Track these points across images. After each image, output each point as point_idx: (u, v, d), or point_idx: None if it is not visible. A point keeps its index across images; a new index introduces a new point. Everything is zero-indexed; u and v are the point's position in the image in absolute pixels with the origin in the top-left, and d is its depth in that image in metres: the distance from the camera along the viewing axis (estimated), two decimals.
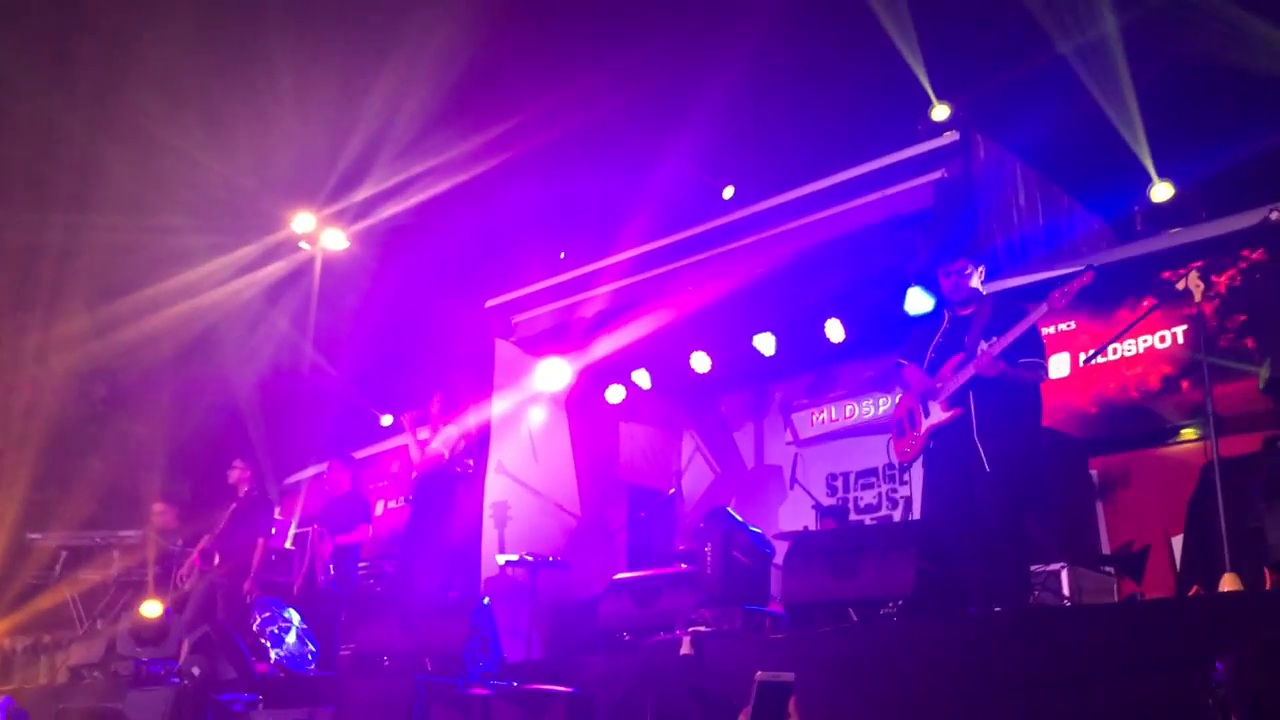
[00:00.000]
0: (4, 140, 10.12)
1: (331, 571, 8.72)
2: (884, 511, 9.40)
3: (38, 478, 11.27)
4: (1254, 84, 7.37)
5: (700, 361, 9.87)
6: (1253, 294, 7.31)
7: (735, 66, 8.31)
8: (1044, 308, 5.62)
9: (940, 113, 8.59)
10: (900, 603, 5.07)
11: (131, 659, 7.64)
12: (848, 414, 9.89)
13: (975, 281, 6.03)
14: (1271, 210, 5.08)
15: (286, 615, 8.13)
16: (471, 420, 8.79)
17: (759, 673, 2.76)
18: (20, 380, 11.60)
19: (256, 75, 9.22)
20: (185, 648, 7.52)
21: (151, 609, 8.37)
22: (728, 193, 9.70)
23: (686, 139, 8.96)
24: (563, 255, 10.45)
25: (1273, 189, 5.05)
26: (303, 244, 11.15)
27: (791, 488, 9.44)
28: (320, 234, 11.01)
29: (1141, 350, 7.84)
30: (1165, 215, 8.26)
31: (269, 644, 7.82)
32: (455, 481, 8.42)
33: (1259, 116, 7.61)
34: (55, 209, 10.38)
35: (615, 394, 10.60)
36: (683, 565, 7.32)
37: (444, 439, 8.47)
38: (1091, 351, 7.63)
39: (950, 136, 8.24)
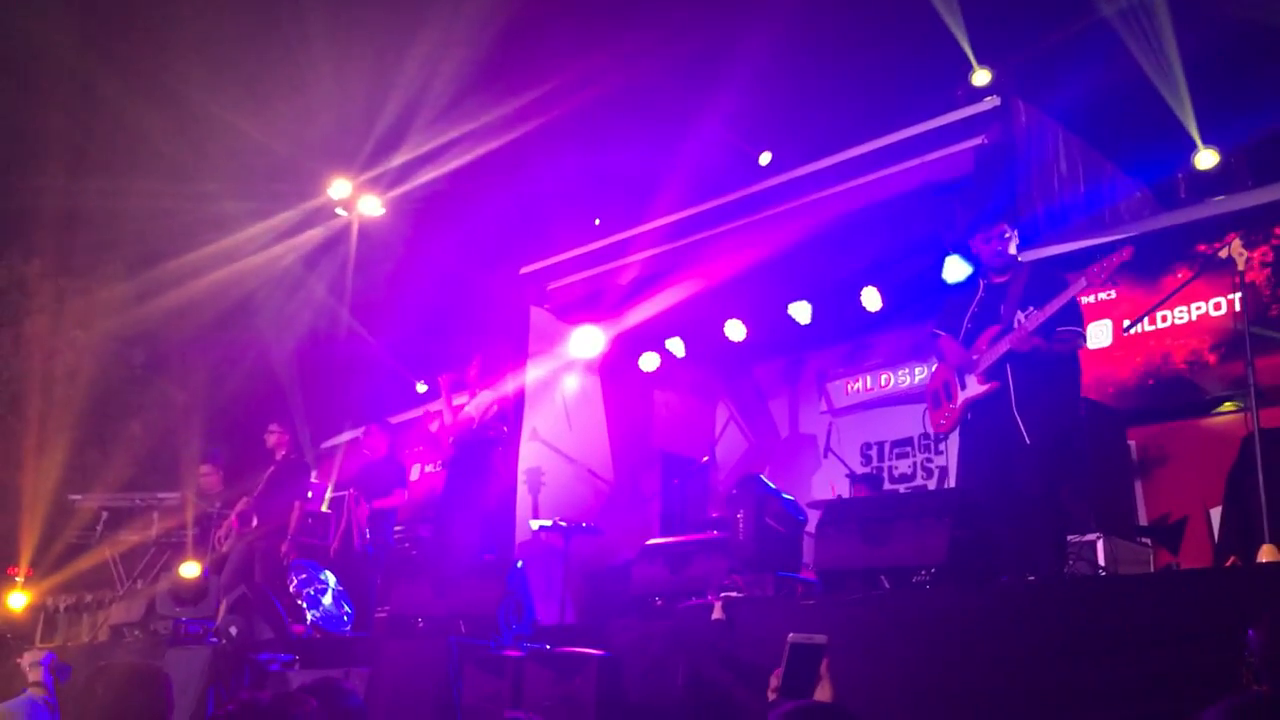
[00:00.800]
0: (44, 107, 10.22)
1: (367, 535, 8.80)
2: (919, 481, 9.36)
3: (79, 440, 11.45)
4: None
5: (735, 329, 9.84)
6: None
7: (773, 30, 8.22)
8: (1082, 281, 5.54)
9: (981, 77, 8.47)
10: (933, 570, 5.05)
11: (170, 618, 7.78)
12: (883, 383, 9.85)
13: (1013, 247, 5.95)
14: None
15: (323, 577, 8.22)
16: (507, 386, 8.81)
17: (791, 634, 2.76)
18: (61, 345, 11.76)
19: (293, 41, 9.24)
20: (223, 608, 7.63)
21: (190, 570, 8.51)
22: (765, 158, 9.62)
23: (723, 104, 8.89)
24: (598, 222, 10.42)
25: None
26: (339, 210, 11.20)
27: (826, 456, 9.41)
28: (357, 200, 11.06)
29: (1183, 320, 7.74)
30: (1209, 182, 8.12)
31: (305, 605, 7.92)
32: (489, 446, 8.44)
33: None
34: (95, 175, 10.48)
35: (649, 361, 10.59)
36: (715, 532, 7.33)
37: (477, 404, 8.50)
38: (1131, 321, 7.54)
39: (991, 102, 8.12)
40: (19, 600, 9.64)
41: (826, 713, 2.50)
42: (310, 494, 9.42)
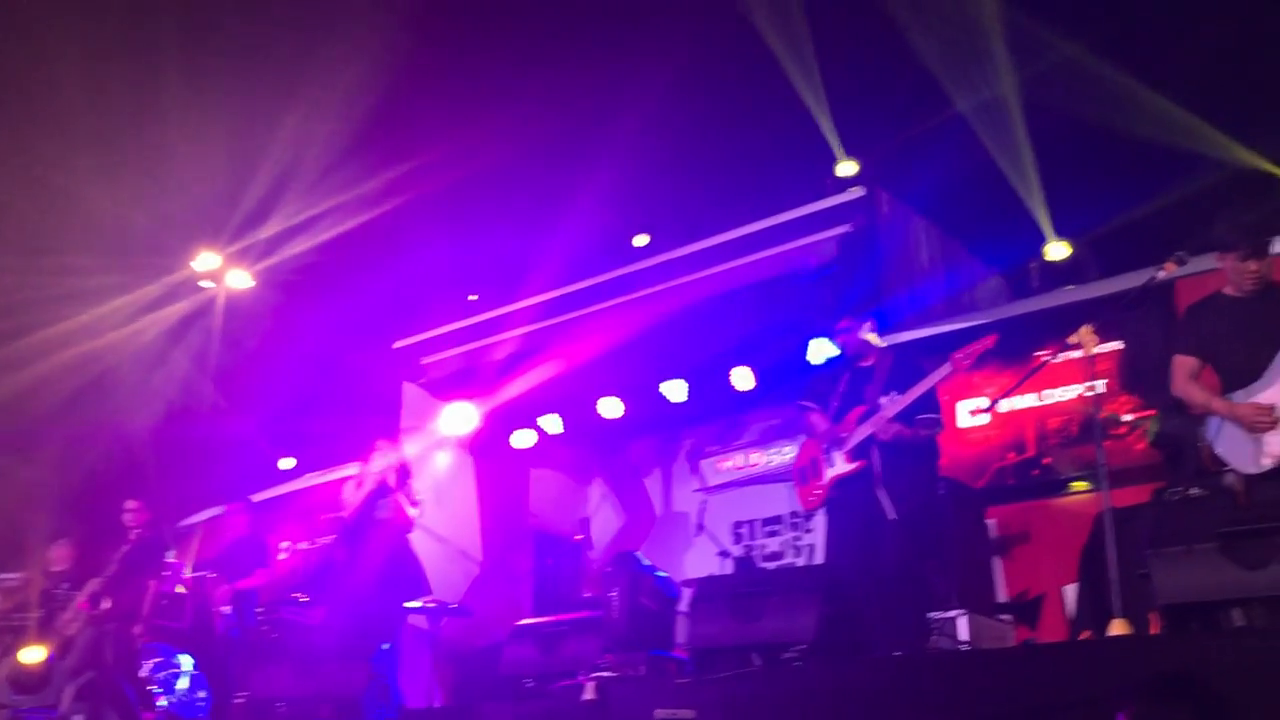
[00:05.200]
0: None
1: (229, 617, 8.50)
2: (788, 559, 9.48)
3: None
4: (1142, 148, 7.69)
5: (611, 407, 9.88)
6: (1140, 351, 7.58)
7: (644, 115, 8.41)
8: (947, 368, 5.79)
9: (847, 168, 8.81)
10: (803, 647, 5.12)
11: (10, 708, 7.35)
12: (754, 461, 9.99)
13: (867, 335, 6.19)
14: (1158, 270, 5.29)
15: (178, 661, 7.91)
16: (391, 463, 8.58)
17: (658, 711, 2.78)
18: None
19: (156, 113, 9.03)
20: (68, 696, 7.26)
21: (32, 655, 8.06)
22: (641, 240, 9.78)
23: (595, 185, 9.03)
24: (473, 298, 10.41)
25: (1161, 249, 5.26)
26: (205, 283, 10.96)
27: (698, 534, 9.46)
28: (225, 273, 10.83)
29: (1037, 404, 8.06)
30: (1061, 272, 8.56)
31: (159, 690, 7.59)
32: (376, 525, 8.17)
33: (1147, 179, 7.95)
34: None
35: (523, 439, 10.55)
36: (588, 611, 7.28)
37: (366, 481, 8.25)
38: (983, 406, 7.83)
39: (856, 192, 8.44)
40: None
41: None
42: (167, 574, 9.06)
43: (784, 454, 9.63)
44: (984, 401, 7.85)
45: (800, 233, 8.50)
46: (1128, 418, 7.51)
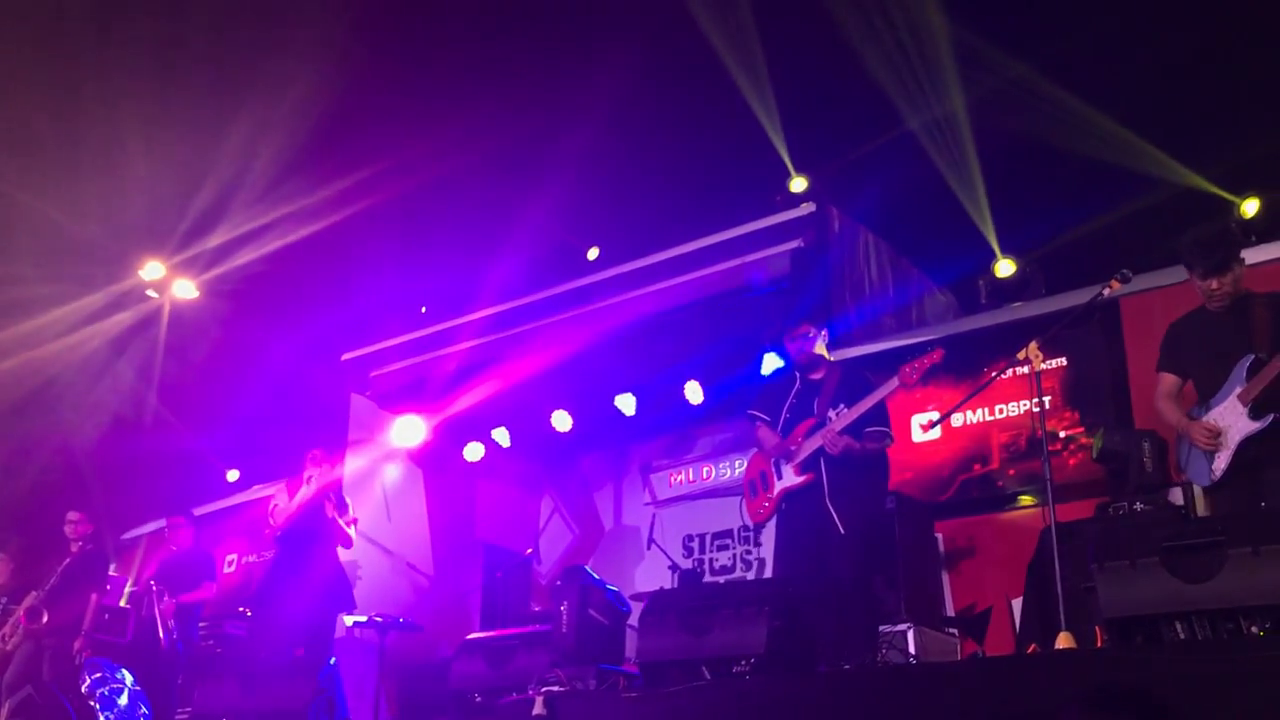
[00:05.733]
0: None
1: (173, 631, 8.36)
2: (739, 573, 9.49)
3: None
4: (1088, 167, 7.83)
5: (561, 420, 9.86)
6: (1086, 368, 7.69)
7: (594, 130, 8.44)
8: (894, 383, 5.84)
9: (798, 184, 8.90)
10: (753, 660, 5.12)
11: None
12: (705, 475, 10.00)
13: (820, 346, 6.23)
14: (1104, 288, 5.37)
15: (119, 676, 7.77)
16: (334, 475, 8.52)
17: None
18: None
19: (101, 123, 8.91)
20: (5, 711, 7.11)
21: None
22: (593, 253, 9.79)
23: (547, 197, 9.04)
24: (424, 310, 10.35)
25: (1106, 267, 5.35)
26: (151, 293, 10.81)
27: (649, 548, 9.46)
28: (170, 283, 10.70)
29: (984, 419, 8.14)
30: (1009, 289, 8.67)
31: (99, 706, 7.45)
32: (317, 537, 8.09)
33: (1093, 198, 8.09)
34: None
35: (474, 452, 10.49)
36: (537, 625, 7.25)
37: (305, 493, 8.17)
38: (932, 421, 7.90)
39: (807, 208, 8.49)
40: None
41: None
42: (108, 587, 8.91)
43: (735, 468, 9.66)
44: (935, 415, 7.92)
45: (752, 247, 8.53)
46: (1064, 434, 7.62)
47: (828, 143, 8.85)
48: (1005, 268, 8.76)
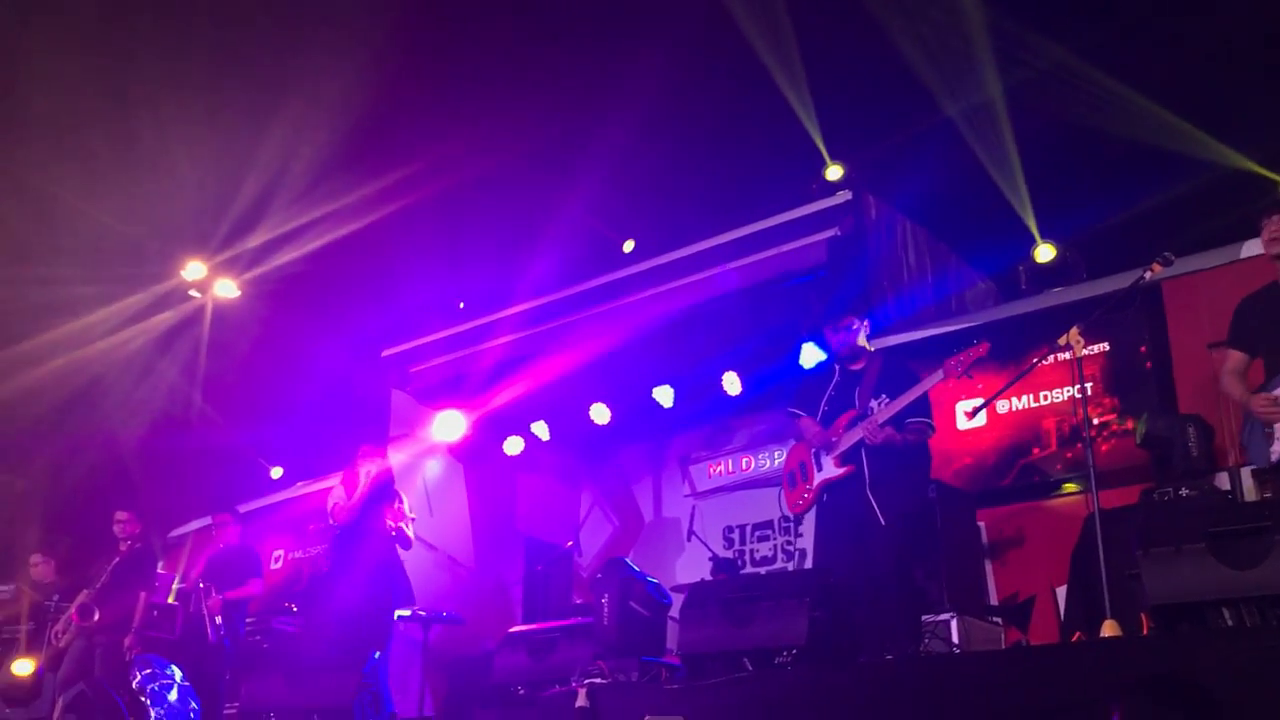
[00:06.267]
0: None
1: (220, 627, 8.46)
2: (779, 564, 9.47)
3: None
4: (1128, 150, 7.73)
5: (600, 413, 9.88)
6: (1129, 352, 7.60)
7: (634, 119, 8.43)
8: (939, 375, 5.79)
9: (834, 172, 8.85)
10: (794, 652, 5.12)
11: None
12: (744, 466, 9.98)
13: (861, 338, 6.19)
14: (1145, 271, 5.30)
15: (168, 672, 7.86)
16: (384, 471, 8.51)
17: (647, 717, 2.76)
18: None
19: (144, 123, 9.04)
20: (59, 708, 7.23)
21: (23, 667, 8.05)
22: (628, 246, 9.79)
23: (584, 191, 9.05)
24: (462, 305, 10.40)
25: (1148, 250, 5.28)
26: (193, 293, 10.94)
27: (689, 540, 9.46)
28: (212, 283, 10.82)
29: (1027, 406, 8.07)
30: (1049, 275, 8.58)
31: (149, 701, 7.55)
32: (379, 535, 8.10)
33: (1133, 181, 7.99)
34: None
35: (513, 446, 10.54)
36: (579, 618, 7.27)
37: (358, 489, 8.18)
38: (974, 407, 7.84)
39: (843, 196, 8.44)
40: None
41: None
42: (157, 585, 9.02)
43: (774, 458, 9.63)
44: (979, 403, 7.85)
45: (789, 237, 8.50)
46: (1106, 420, 7.53)
47: (864, 130, 8.80)
48: (1045, 253, 8.66)
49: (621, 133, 8.57)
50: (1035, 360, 6.49)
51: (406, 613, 8.84)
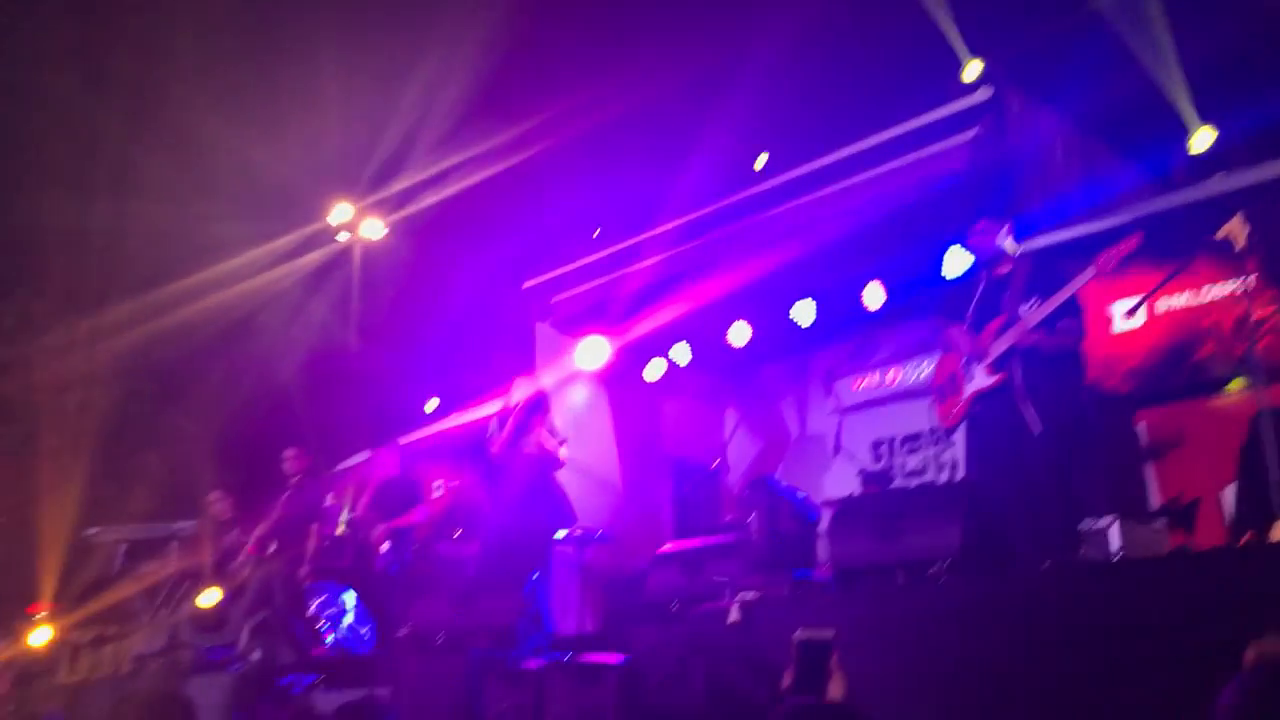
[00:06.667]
0: (44, 135, 10.27)
1: (388, 554, 8.81)
2: (930, 476, 9.36)
3: (94, 474, 11.48)
4: None
5: (739, 333, 9.85)
6: None
7: (770, 37, 8.25)
8: (1090, 272, 5.57)
9: (973, 70, 8.47)
10: (947, 562, 5.06)
11: (193, 646, 7.81)
12: (890, 379, 9.85)
13: (1003, 241, 5.99)
14: None
15: (342, 599, 8.26)
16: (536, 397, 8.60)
17: (798, 631, 2.77)
18: (72, 377, 11.80)
19: (295, 65, 9.27)
20: (245, 634, 7.66)
21: (210, 597, 8.55)
22: (759, 162, 9.64)
23: (719, 108, 8.91)
24: (597, 233, 10.45)
25: None
26: (341, 234, 11.24)
27: (836, 454, 9.42)
28: (359, 223, 11.10)
29: (1187, 302, 7.74)
30: (1207, 164, 8.11)
31: (327, 624, 7.94)
32: (538, 461, 8.27)
33: None
34: (97, 199, 10.51)
35: (655, 370, 10.61)
36: (728, 535, 7.33)
37: (512, 419, 8.31)
38: (1131, 305, 7.54)
39: (984, 93, 8.14)
40: (41, 637, 9.66)
41: (824, 712, 2.51)
42: (327, 516, 9.44)
43: (921, 370, 9.47)
44: (1136, 300, 7.55)
45: (927, 140, 8.26)
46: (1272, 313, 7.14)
47: (1001, 22, 8.41)
48: (1204, 139, 8.18)
49: (757, 50, 8.40)
50: (1194, 253, 6.18)
51: (563, 533, 9.06)
